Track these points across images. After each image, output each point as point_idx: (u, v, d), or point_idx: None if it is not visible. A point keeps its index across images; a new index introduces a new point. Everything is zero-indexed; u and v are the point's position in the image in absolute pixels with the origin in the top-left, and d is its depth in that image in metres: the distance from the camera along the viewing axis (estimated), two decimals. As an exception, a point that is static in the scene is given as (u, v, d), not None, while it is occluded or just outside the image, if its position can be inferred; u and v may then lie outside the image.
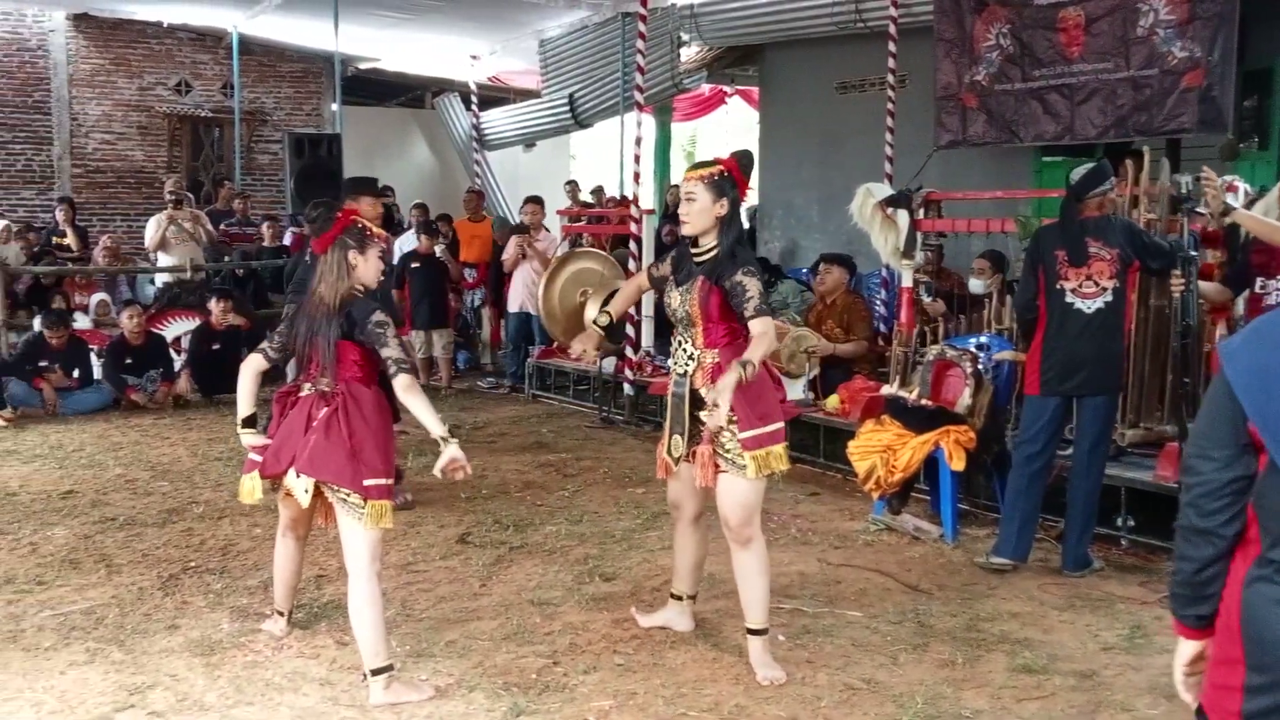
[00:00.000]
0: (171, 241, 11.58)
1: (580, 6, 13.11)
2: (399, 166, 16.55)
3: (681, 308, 4.08)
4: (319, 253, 4.04)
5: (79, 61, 14.86)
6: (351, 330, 3.93)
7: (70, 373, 9.44)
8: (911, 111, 9.78)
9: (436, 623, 4.57)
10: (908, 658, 4.24)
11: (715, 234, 4.02)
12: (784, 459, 4.01)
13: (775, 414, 4.02)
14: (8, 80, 14.45)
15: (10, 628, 4.49)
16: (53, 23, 14.61)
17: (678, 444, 4.15)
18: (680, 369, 4.14)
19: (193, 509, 6.32)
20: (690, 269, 4.08)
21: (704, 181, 4.01)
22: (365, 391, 3.98)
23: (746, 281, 3.89)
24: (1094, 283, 5.08)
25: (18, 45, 14.49)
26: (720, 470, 4.01)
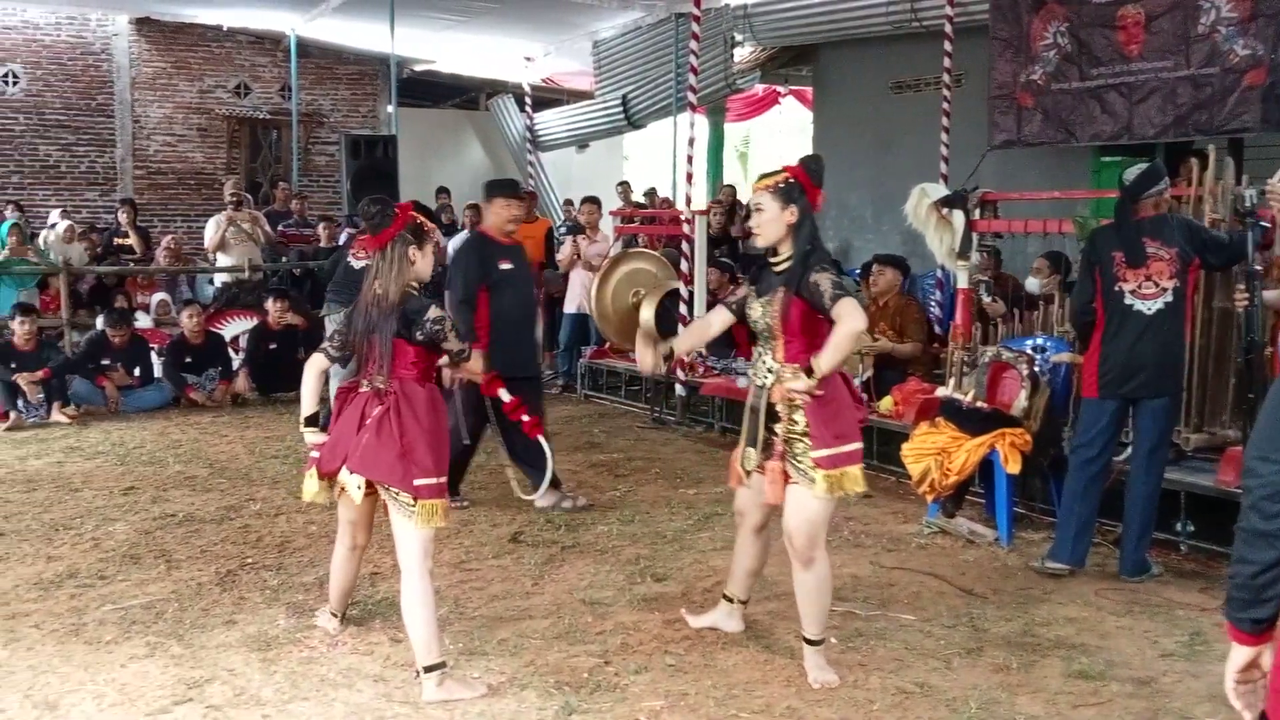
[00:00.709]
0: (230, 242, 11.77)
1: (634, 7, 13.13)
2: (453, 168, 16.66)
3: (763, 319, 4.01)
4: (376, 248, 4.06)
5: (141, 65, 15.12)
6: (409, 329, 3.96)
7: (132, 371, 9.60)
8: (967, 111, 9.69)
9: (489, 621, 4.60)
10: (961, 662, 4.21)
11: (789, 243, 3.96)
12: (860, 481, 3.93)
13: (853, 433, 3.94)
14: (72, 84, 14.73)
15: (73, 621, 4.58)
16: (116, 27, 14.88)
17: (750, 456, 4.11)
18: (759, 381, 4.07)
19: (250, 506, 6.41)
20: (770, 280, 4.03)
21: (770, 191, 3.96)
22: (419, 390, 4.00)
23: (819, 278, 3.83)
24: (1154, 283, 5.01)
25: (82, 49, 14.76)
26: (790, 481, 3.95)
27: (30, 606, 4.75)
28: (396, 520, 3.95)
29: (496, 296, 6.11)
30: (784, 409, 3.93)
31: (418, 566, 3.92)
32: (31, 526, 5.96)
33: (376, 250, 4.06)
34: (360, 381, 4.09)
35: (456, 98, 18.08)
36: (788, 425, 3.93)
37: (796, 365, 3.90)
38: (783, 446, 3.94)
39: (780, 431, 3.96)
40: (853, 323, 3.76)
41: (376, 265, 4.05)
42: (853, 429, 3.95)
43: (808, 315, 3.90)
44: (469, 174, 16.94)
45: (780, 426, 3.96)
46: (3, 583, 5.06)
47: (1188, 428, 5.71)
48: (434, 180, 15.14)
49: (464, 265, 6.22)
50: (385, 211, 4.05)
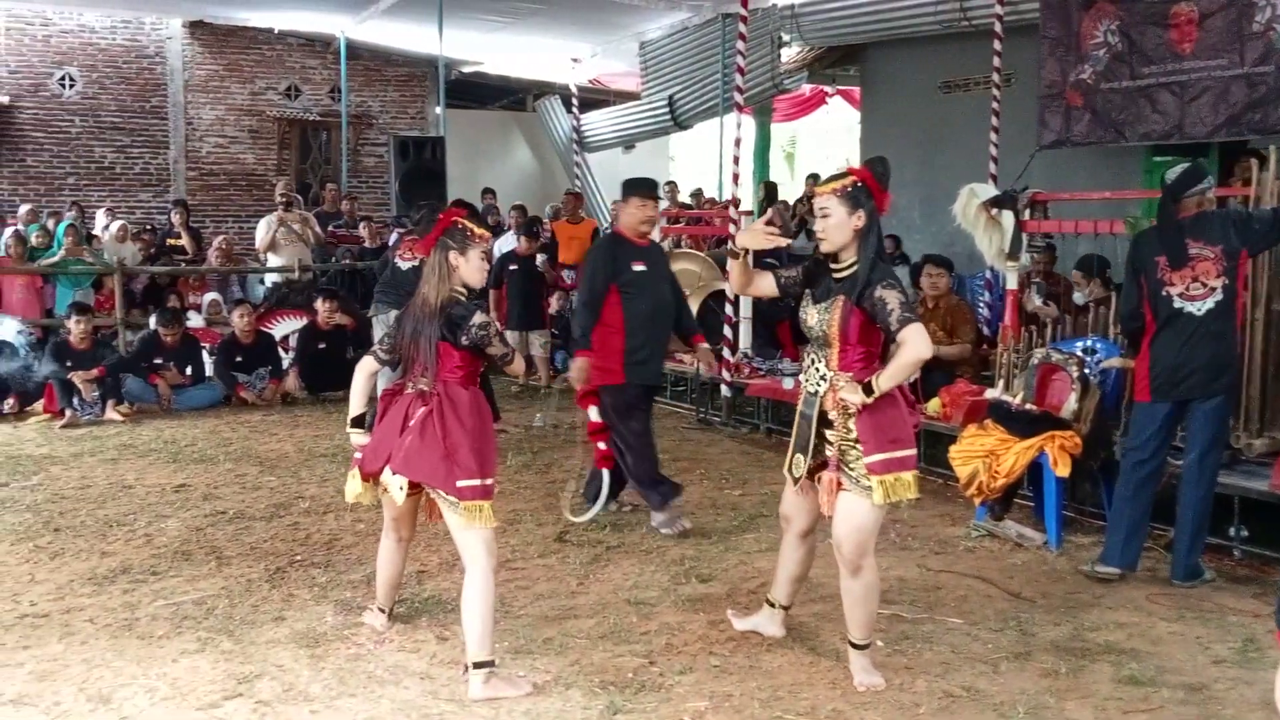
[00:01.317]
0: (281, 243, 11.90)
1: (681, 8, 13.13)
2: (500, 169, 16.75)
3: (819, 326, 3.93)
4: (423, 254, 4.10)
5: (194, 68, 15.31)
6: (454, 334, 3.98)
7: (184, 370, 9.74)
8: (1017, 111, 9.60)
9: (535, 620, 4.62)
10: (1009, 666, 4.17)
11: (854, 249, 3.87)
12: (913, 487, 3.89)
13: (906, 439, 3.89)
14: (127, 86, 14.95)
15: (126, 616, 4.65)
16: (169, 30, 15.09)
17: (799, 463, 4.08)
18: (811, 388, 4.02)
19: (299, 504, 6.47)
20: (829, 286, 3.93)
21: (837, 194, 3.86)
22: (462, 393, 4.03)
23: (886, 295, 3.75)
24: (1201, 284, 4.94)
25: (136, 52, 14.98)
26: (842, 488, 3.91)
27: (85, 601, 4.83)
28: (449, 520, 3.98)
29: (628, 299, 5.84)
30: (839, 416, 3.89)
31: (482, 563, 3.94)
32: (86, 523, 6.06)
33: (423, 253, 4.13)
34: (405, 384, 4.12)
35: (504, 99, 18.16)
36: (842, 433, 3.89)
37: (851, 374, 3.87)
38: (837, 455, 3.91)
39: (834, 439, 3.92)
40: (918, 350, 3.71)
41: (425, 268, 4.10)
42: (906, 434, 3.90)
43: (866, 326, 3.84)
44: (516, 175, 17.03)
45: (833, 434, 3.92)
46: (58, 577, 5.14)
47: (1248, 433, 5.63)
48: (481, 181, 15.22)
49: (592, 265, 6.01)
50: (430, 217, 4.08)
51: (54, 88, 14.59)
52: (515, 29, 13.90)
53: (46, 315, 10.92)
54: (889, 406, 3.85)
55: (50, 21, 14.48)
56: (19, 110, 14.42)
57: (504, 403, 9.10)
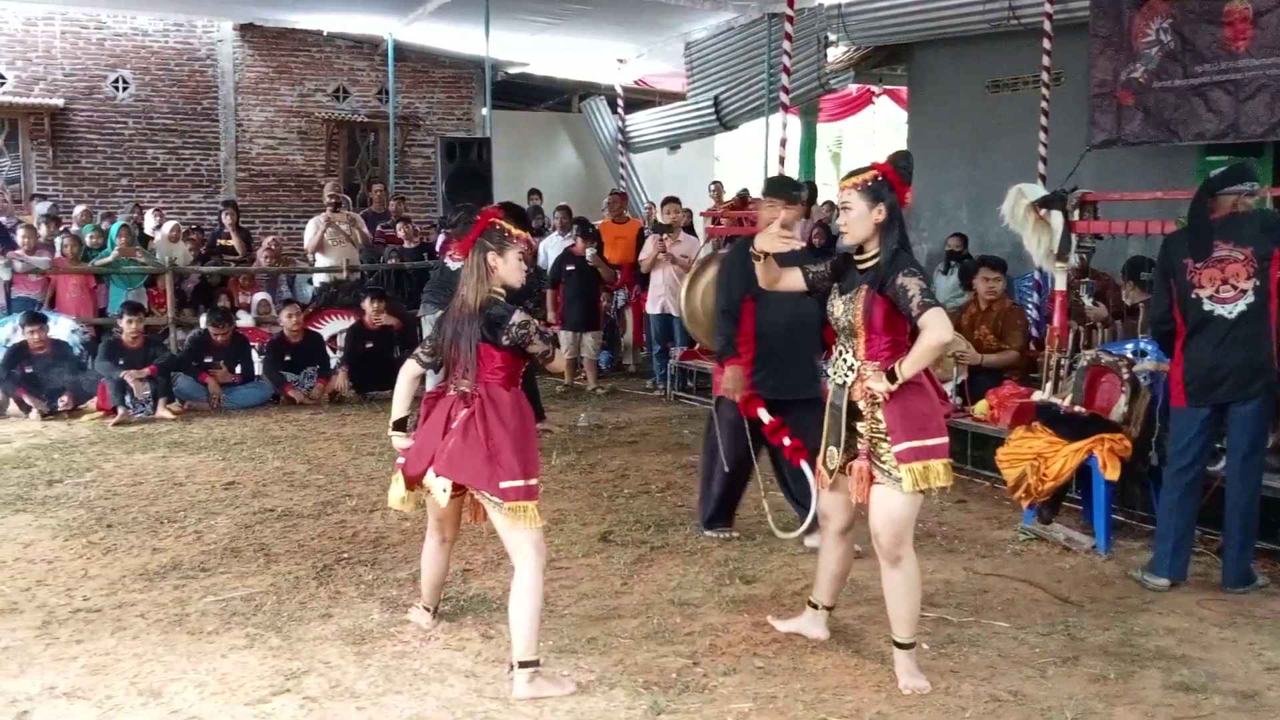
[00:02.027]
0: (329, 243, 12.01)
1: (726, 8, 13.11)
2: (546, 170, 16.81)
3: (844, 316, 3.99)
4: (462, 256, 4.11)
5: (244, 70, 15.49)
6: (494, 335, 4.00)
7: (234, 369, 9.85)
8: (1066, 110, 9.51)
9: (579, 619, 4.63)
10: (1057, 671, 4.13)
11: (876, 241, 3.94)
12: (945, 475, 3.88)
13: (936, 427, 3.89)
14: (179, 88, 15.15)
15: (176, 611, 4.71)
16: (220, 33, 15.27)
17: (833, 456, 4.10)
18: (839, 379, 4.05)
19: (346, 502, 6.53)
20: (854, 278, 4.00)
21: (858, 189, 3.93)
22: (504, 394, 4.04)
23: (906, 283, 3.79)
24: (1231, 286, 4.87)
25: (188, 55, 15.17)
26: (875, 482, 3.93)
27: (136, 596, 4.90)
28: (496, 520, 4.00)
29: (762, 309, 5.47)
30: (866, 406, 3.91)
31: (532, 563, 3.95)
32: (138, 519, 6.15)
33: (463, 254, 4.14)
34: (448, 386, 4.14)
35: (550, 100, 18.23)
36: (871, 424, 3.92)
37: (877, 363, 3.89)
38: (867, 446, 3.93)
39: (864, 430, 3.94)
40: (938, 334, 3.74)
41: (464, 270, 4.12)
42: (936, 423, 3.91)
43: (890, 314, 3.88)
44: (561, 176, 17.08)
45: (863, 425, 3.94)
46: (110, 573, 5.22)
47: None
48: (527, 182, 15.28)
49: (727, 273, 5.71)
50: (467, 219, 4.10)
51: (108, 90, 14.81)
52: (561, 30, 13.94)
53: (99, 314, 11.10)
54: (917, 395, 3.86)
55: (104, 25, 14.71)
56: (74, 113, 14.65)
57: (548, 403, 9.14)
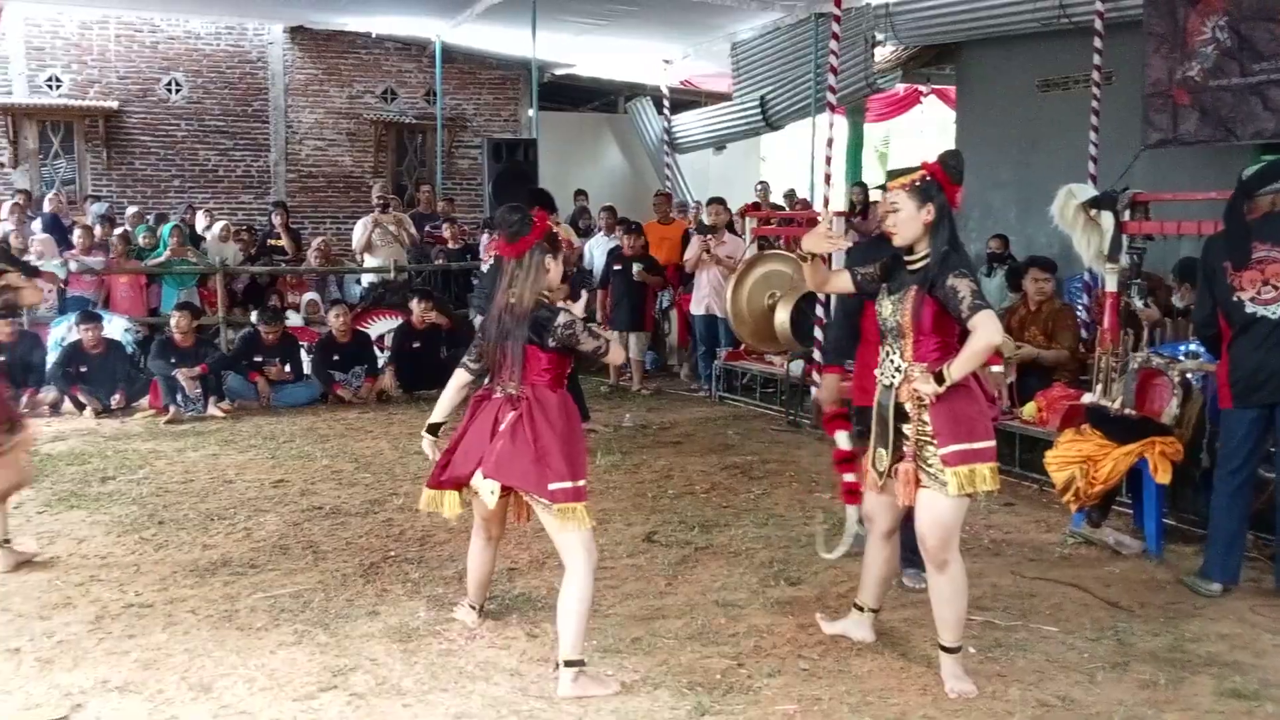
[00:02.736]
0: (377, 244, 12.10)
1: (773, 8, 13.07)
2: (592, 170, 16.84)
3: (893, 317, 3.96)
4: (515, 256, 4.09)
5: (294, 72, 15.64)
6: (541, 336, 4.01)
7: (283, 368, 9.96)
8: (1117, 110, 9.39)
9: (623, 619, 4.63)
10: (1106, 676, 4.08)
11: (925, 242, 3.90)
12: (991, 479, 3.84)
13: (983, 431, 3.86)
14: (230, 90, 15.33)
15: (226, 607, 4.77)
16: (271, 35, 15.44)
17: (881, 458, 4.07)
18: (886, 380, 4.03)
19: (393, 500, 6.57)
20: (903, 278, 3.97)
21: (906, 189, 3.91)
22: (551, 395, 4.05)
23: (957, 284, 3.75)
24: (1273, 287, 4.80)
25: (239, 57, 15.35)
26: (921, 485, 3.91)
27: (187, 593, 4.96)
28: (545, 522, 4.02)
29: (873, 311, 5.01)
30: (913, 408, 3.89)
31: (583, 564, 3.97)
32: (189, 516, 6.23)
33: (513, 258, 4.10)
34: (494, 388, 4.16)
35: (595, 101, 18.27)
36: (918, 425, 3.89)
37: (925, 365, 3.86)
38: (914, 448, 3.90)
39: (910, 433, 3.92)
40: (989, 336, 3.70)
41: (511, 272, 4.09)
42: (983, 426, 3.88)
43: (940, 315, 3.85)
44: (606, 176, 17.11)
45: (910, 427, 3.92)
46: (162, 569, 5.30)
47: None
48: (573, 183, 15.32)
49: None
50: (525, 220, 4.10)
51: (161, 93, 15.01)
52: (607, 31, 13.96)
53: (152, 314, 11.25)
54: (964, 398, 3.83)
55: (158, 28, 14.91)
56: (128, 115, 14.87)
57: (593, 403, 9.16)
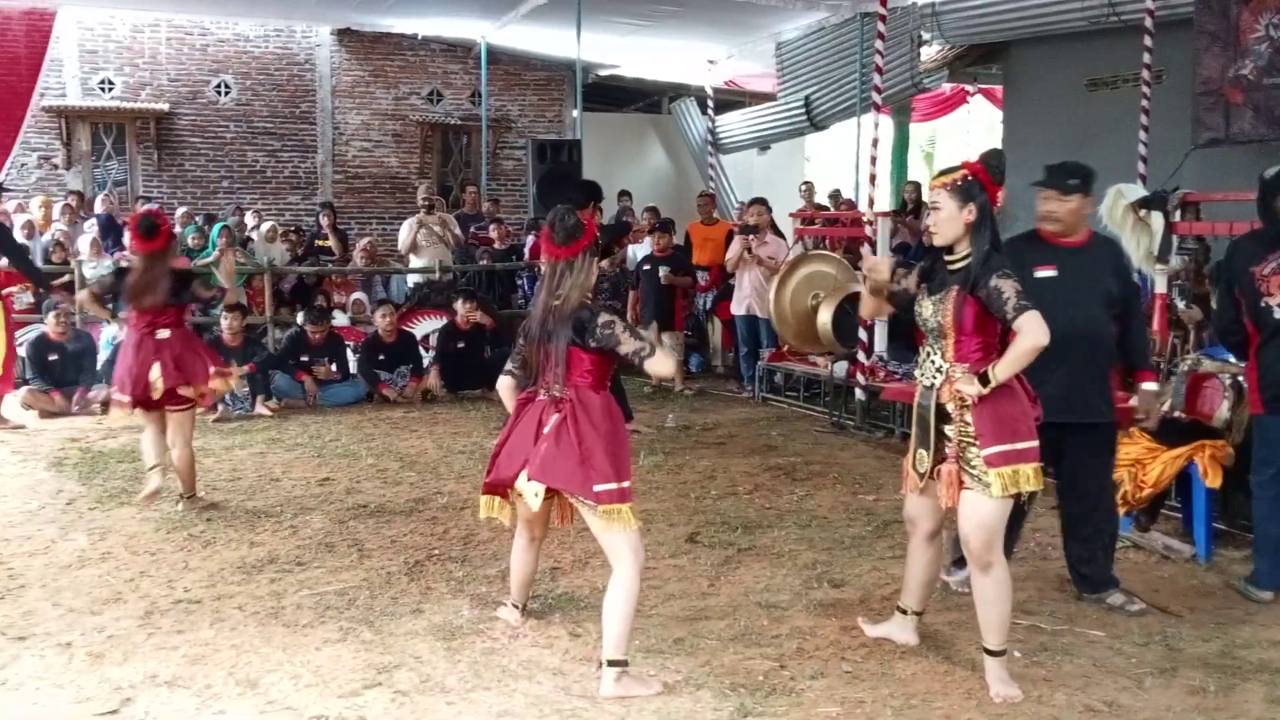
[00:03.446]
0: (422, 244, 12.18)
1: (818, 8, 13.03)
2: (636, 171, 16.84)
3: (933, 318, 3.94)
4: (567, 257, 4.07)
5: (341, 74, 15.78)
6: (582, 337, 4.02)
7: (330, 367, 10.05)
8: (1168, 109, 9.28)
9: (665, 620, 4.64)
10: (1154, 682, 4.04)
11: (967, 242, 3.88)
12: (1035, 479, 3.81)
13: (1026, 431, 3.83)
14: (278, 92, 15.48)
15: (273, 604, 4.82)
16: (319, 38, 15.58)
17: (922, 459, 4.05)
18: (927, 381, 4.00)
19: (437, 499, 6.61)
20: (944, 278, 3.95)
21: (948, 189, 3.88)
22: (594, 397, 4.06)
23: (1001, 285, 3.73)
24: None
25: (287, 60, 15.50)
26: (964, 487, 3.88)
27: (234, 589, 5.02)
28: (591, 523, 4.03)
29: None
30: (955, 409, 3.86)
31: (630, 564, 3.98)
32: (236, 513, 6.30)
33: (563, 259, 4.08)
34: (537, 390, 4.17)
35: (640, 102, 18.27)
36: (960, 426, 3.86)
37: (967, 365, 3.84)
38: (956, 449, 3.88)
39: (952, 434, 3.89)
40: (1035, 338, 3.67)
41: (559, 274, 4.08)
42: (1026, 426, 3.84)
43: (981, 316, 3.82)
44: (650, 177, 17.10)
45: (951, 428, 3.89)
46: (210, 565, 5.36)
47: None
48: (617, 183, 15.33)
49: None
50: (579, 223, 4.11)
51: (210, 95, 15.19)
52: (652, 32, 13.97)
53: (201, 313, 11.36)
54: (1007, 399, 3.80)
55: (208, 31, 15.09)
56: (178, 117, 15.05)
57: (636, 403, 9.16)
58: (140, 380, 6.11)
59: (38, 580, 5.13)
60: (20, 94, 14.22)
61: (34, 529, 5.97)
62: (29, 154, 14.50)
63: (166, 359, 6.11)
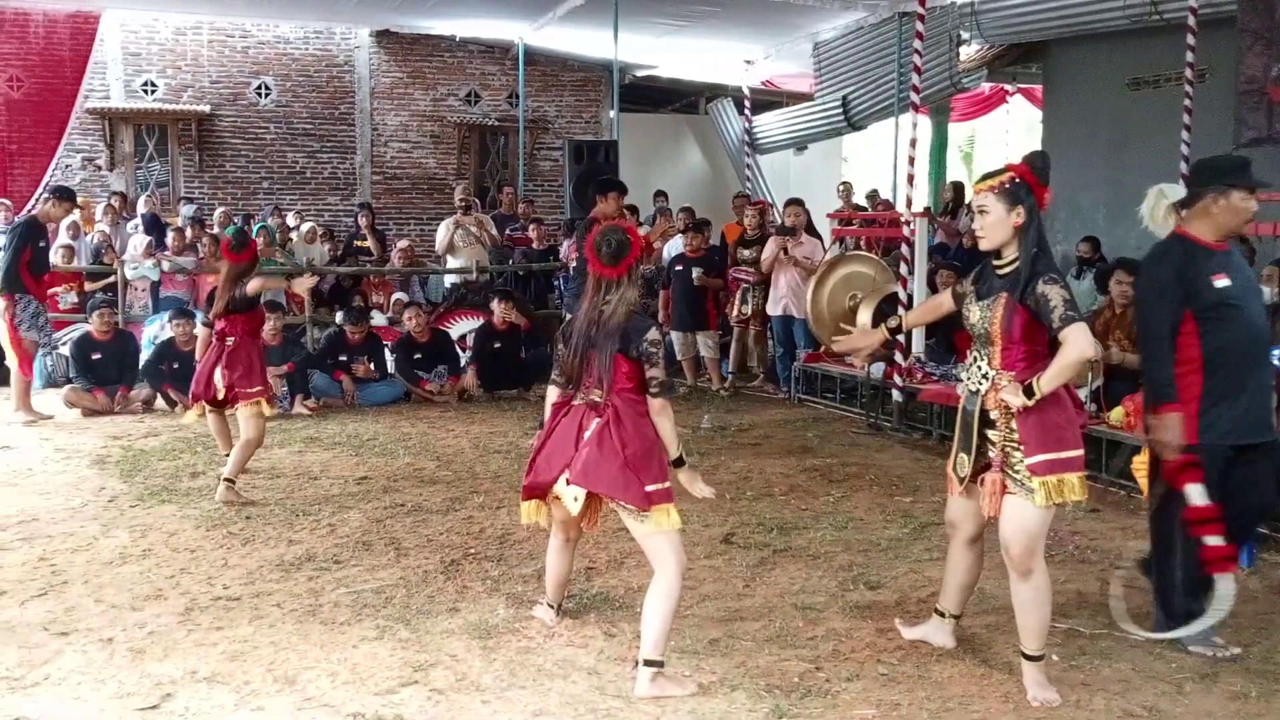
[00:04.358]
0: (459, 245, 12.24)
1: (856, 8, 12.98)
2: (672, 172, 16.85)
3: (981, 324, 3.91)
4: (616, 276, 4.08)
5: (380, 75, 15.88)
6: (627, 344, 4.03)
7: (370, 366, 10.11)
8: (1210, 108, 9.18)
9: (700, 621, 4.63)
10: (1194, 688, 3.99)
11: (1015, 245, 3.83)
12: (1079, 488, 3.77)
13: (1072, 439, 3.79)
14: (318, 94, 15.60)
15: (310, 602, 4.86)
16: (358, 40, 15.69)
17: (963, 463, 4.02)
18: (973, 386, 3.97)
19: (474, 499, 6.64)
20: (992, 283, 3.91)
21: (995, 192, 3.84)
22: (635, 402, 4.07)
23: (1049, 291, 3.69)
24: None
25: (327, 62, 15.62)
26: (1008, 492, 3.85)
27: (273, 586, 5.06)
28: (634, 528, 4.03)
29: (1212, 328, 4.19)
30: (1000, 415, 3.82)
31: (670, 565, 3.98)
32: (275, 511, 6.35)
33: (613, 275, 4.08)
34: (573, 395, 4.18)
35: (676, 102, 18.27)
36: (1005, 433, 3.83)
37: (1013, 373, 3.80)
38: (1000, 456, 3.84)
39: (996, 440, 3.86)
40: (1081, 349, 3.64)
41: (605, 288, 4.09)
42: (1072, 434, 3.80)
43: (1030, 324, 3.78)
44: (687, 177, 17.10)
45: (996, 434, 3.86)
46: (249, 563, 5.41)
47: None
48: (653, 184, 15.34)
49: (1159, 283, 4.33)
50: (627, 240, 4.12)
51: (251, 97, 15.33)
52: (689, 32, 13.96)
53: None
54: (1053, 406, 3.76)
55: (249, 33, 15.23)
56: (219, 119, 15.21)
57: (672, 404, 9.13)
58: (202, 378, 6.86)
59: (80, 576, 5.19)
60: (65, 96, 14.44)
61: (77, 526, 6.05)
62: (73, 155, 14.71)
63: (232, 364, 6.72)
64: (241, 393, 6.70)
